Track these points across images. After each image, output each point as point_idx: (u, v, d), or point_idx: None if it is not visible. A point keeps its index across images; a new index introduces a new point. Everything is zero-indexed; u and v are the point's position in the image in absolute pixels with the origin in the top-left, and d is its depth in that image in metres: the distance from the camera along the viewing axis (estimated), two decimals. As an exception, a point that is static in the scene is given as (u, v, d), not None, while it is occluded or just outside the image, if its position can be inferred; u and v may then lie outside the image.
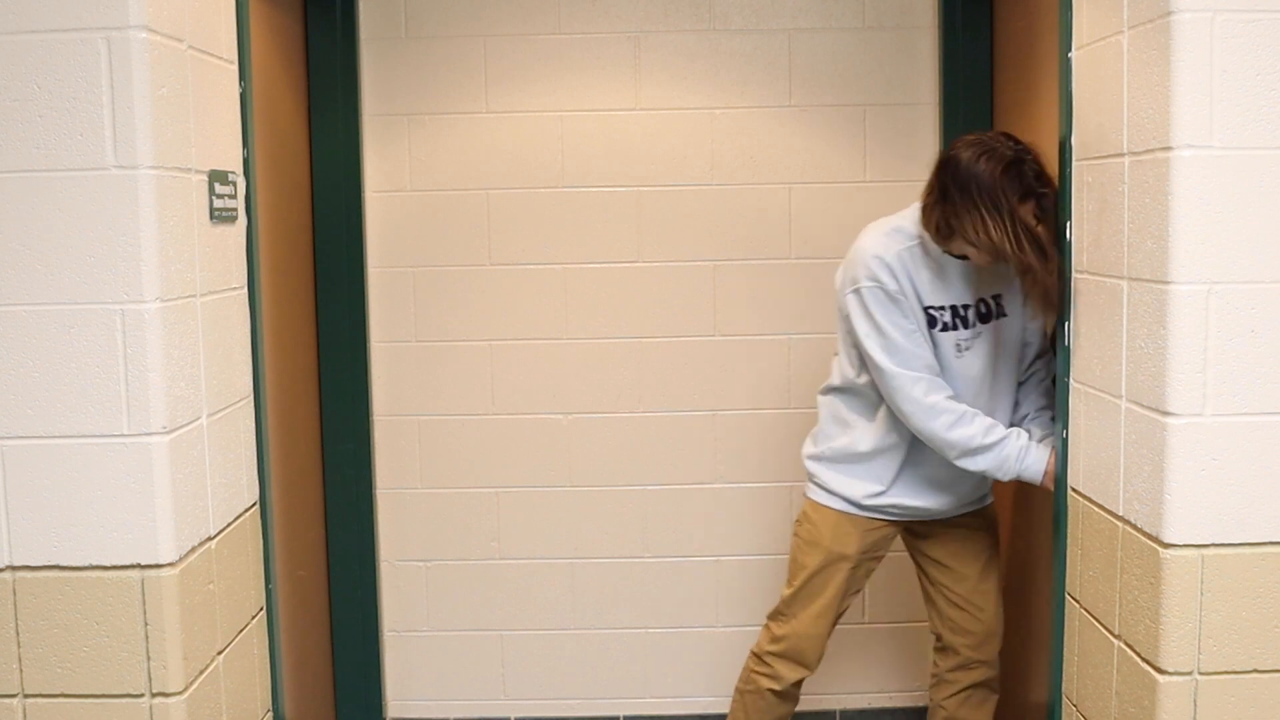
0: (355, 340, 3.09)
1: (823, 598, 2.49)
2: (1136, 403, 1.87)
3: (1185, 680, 1.81)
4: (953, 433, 2.30)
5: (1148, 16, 1.80)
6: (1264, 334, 1.76)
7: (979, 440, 2.29)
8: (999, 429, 2.32)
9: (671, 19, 3.05)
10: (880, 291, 2.31)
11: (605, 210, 3.10)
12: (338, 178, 3.03)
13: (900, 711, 3.21)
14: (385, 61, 3.05)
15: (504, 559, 3.20)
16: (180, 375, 1.85)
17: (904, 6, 3.04)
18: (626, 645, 3.23)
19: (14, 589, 1.82)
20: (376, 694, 3.19)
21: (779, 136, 3.08)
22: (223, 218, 2.04)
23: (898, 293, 2.30)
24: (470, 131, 3.07)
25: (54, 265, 1.76)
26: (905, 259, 2.31)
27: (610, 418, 3.16)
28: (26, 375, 1.78)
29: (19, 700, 1.84)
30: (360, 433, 3.11)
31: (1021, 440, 2.32)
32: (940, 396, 2.31)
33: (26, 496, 1.80)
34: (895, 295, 2.30)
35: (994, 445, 2.30)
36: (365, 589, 3.15)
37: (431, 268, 3.11)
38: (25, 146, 1.74)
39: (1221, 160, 1.74)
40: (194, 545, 1.90)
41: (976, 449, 2.30)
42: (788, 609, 2.53)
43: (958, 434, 2.30)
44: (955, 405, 2.31)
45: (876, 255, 2.32)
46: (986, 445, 2.30)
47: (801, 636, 2.50)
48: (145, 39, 1.73)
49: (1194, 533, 1.79)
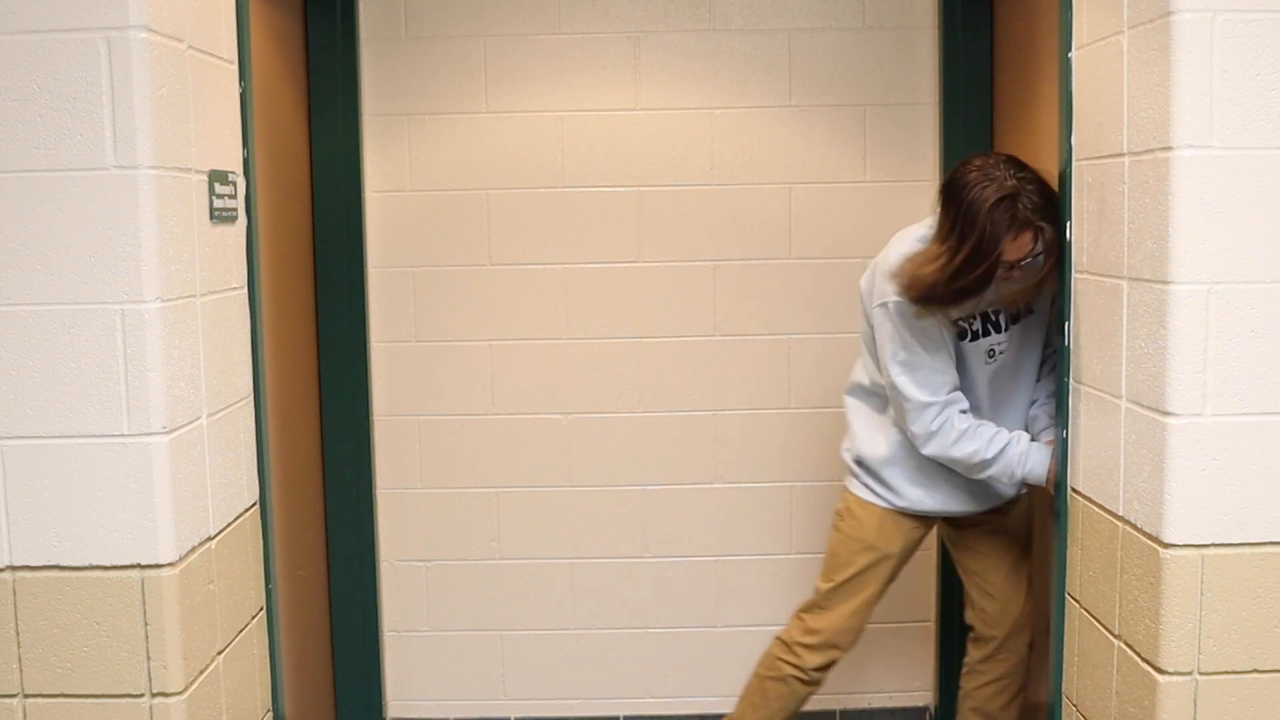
0: (355, 340, 3.09)
1: (864, 594, 2.51)
2: (1136, 403, 1.87)
3: (1185, 680, 1.81)
4: (957, 449, 2.32)
5: (1148, 16, 1.80)
6: (1264, 334, 1.76)
7: (983, 454, 2.32)
8: (1002, 436, 2.33)
9: (671, 19, 3.05)
10: (903, 310, 2.31)
11: (605, 210, 3.10)
12: (338, 178, 3.03)
13: (900, 711, 3.21)
14: (385, 61, 3.05)
15: (504, 559, 3.20)
16: (180, 375, 1.85)
17: (904, 6, 3.04)
18: (626, 645, 3.23)
19: (14, 589, 1.82)
20: (376, 694, 3.19)
21: (779, 136, 3.08)
22: (223, 218, 2.04)
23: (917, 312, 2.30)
24: (470, 131, 3.07)
25: (54, 265, 1.76)
26: None
27: (610, 418, 3.16)
28: (26, 375, 1.78)
29: (19, 700, 1.84)
30: (360, 433, 3.11)
31: (1022, 445, 2.33)
32: (951, 413, 2.32)
33: (26, 496, 1.80)
34: (914, 316, 2.30)
35: (998, 456, 2.32)
36: (365, 589, 3.15)
37: (431, 268, 3.11)
38: (25, 146, 1.74)
39: (1221, 160, 1.74)
40: (194, 545, 1.90)
41: (981, 462, 2.33)
42: (826, 602, 2.54)
43: (962, 450, 2.32)
44: (961, 421, 2.33)
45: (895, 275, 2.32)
46: (989, 459, 2.32)
47: (838, 631, 2.52)
48: (145, 39, 1.73)
49: (1194, 533, 1.79)
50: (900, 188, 3.07)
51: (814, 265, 3.10)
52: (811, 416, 3.14)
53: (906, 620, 3.18)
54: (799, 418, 3.12)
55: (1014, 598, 2.57)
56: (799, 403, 3.13)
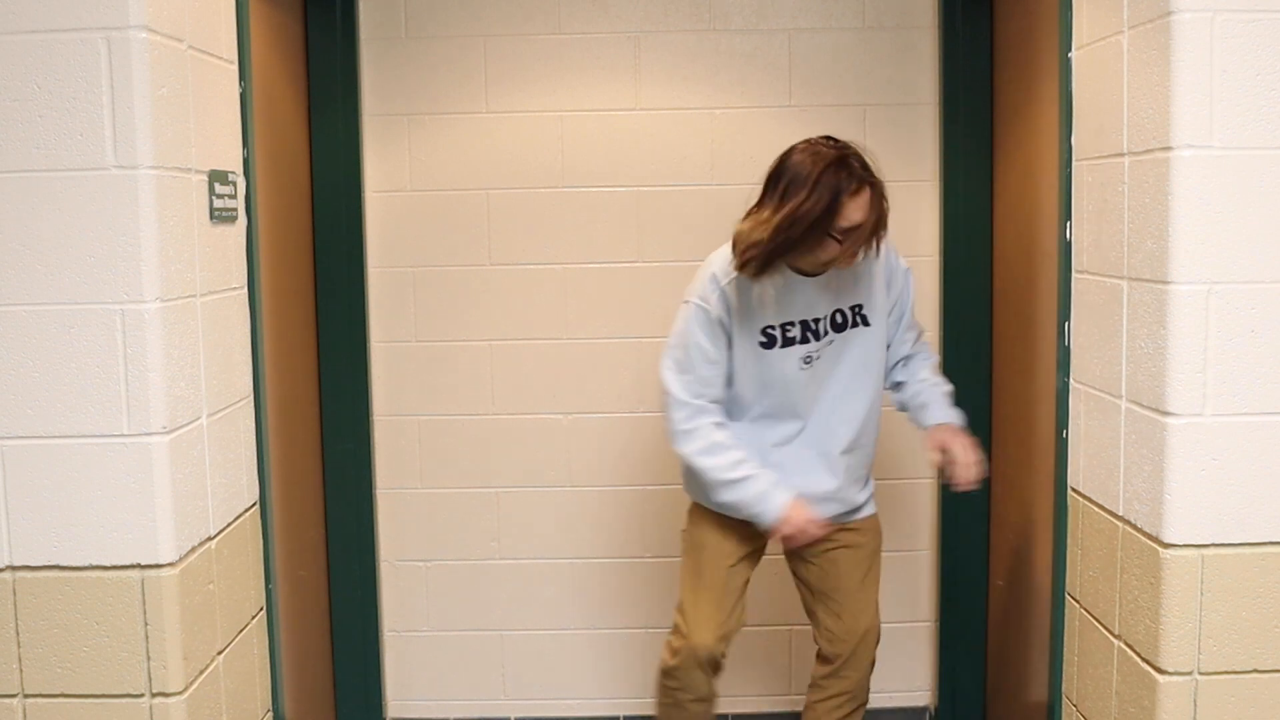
0: (355, 340, 3.09)
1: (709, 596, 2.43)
2: (1136, 403, 1.87)
3: (1185, 680, 1.81)
4: (701, 459, 2.32)
5: (1148, 16, 1.80)
6: (1264, 334, 1.76)
7: (723, 475, 2.31)
8: (748, 468, 2.31)
9: (671, 19, 3.05)
10: (703, 314, 2.31)
11: (605, 210, 3.10)
12: (338, 178, 3.03)
13: (900, 711, 3.21)
14: (385, 61, 3.05)
15: (504, 559, 3.20)
16: (180, 375, 1.85)
17: (904, 6, 3.04)
18: (626, 645, 3.23)
19: (14, 589, 1.82)
20: (376, 694, 3.19)
21: (779, 136, 3.05)
22: (223, 218, 2.04)
23: (718, 321, 2.31)
24: (470, 131, 3.07)
25: (54, 265, 1.76)
26: (741, 281, 2.29)
27: (610, 418, 3.15)
28: (26, 375, 1.78)
29: (19, 700, 1.84)
30: (360, 433, 3.11)
31: (763, 486, 2.30)
32: (703, 422, 2.32)
33: (26, 496, 1.80)
34: (714, 322, 2.31)
35: (736, 483, 2.31)
36: (365, 589, 3.15)
37: (431, 268, 3.11)
38: (25, 146, 1.74)
39: (1221, 160, 1.74)
40: (194, 545, 1.90)
41: (719, 482, 2.32)
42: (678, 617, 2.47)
43: (705, 461, 2.32)
44: (713, 435, 2.31)
45: (714, 276, 2.32)
46: (726, 481, 2.31)
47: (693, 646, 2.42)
48: (145, 39, 1.73)
49: (1194, 533, 1.79)
50: (900, 188, 3.06)
51: (814, 265, 3.10)
52: (811, 416, 3.14)
53: (906, 620, 3.18)
54: (799, 418, 3.11)
55: (860, 615, 2.50)
56: (799, 403, 3.13)
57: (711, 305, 2.31)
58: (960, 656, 3.13)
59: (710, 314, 2.31)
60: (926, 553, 3.16)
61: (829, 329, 2.35)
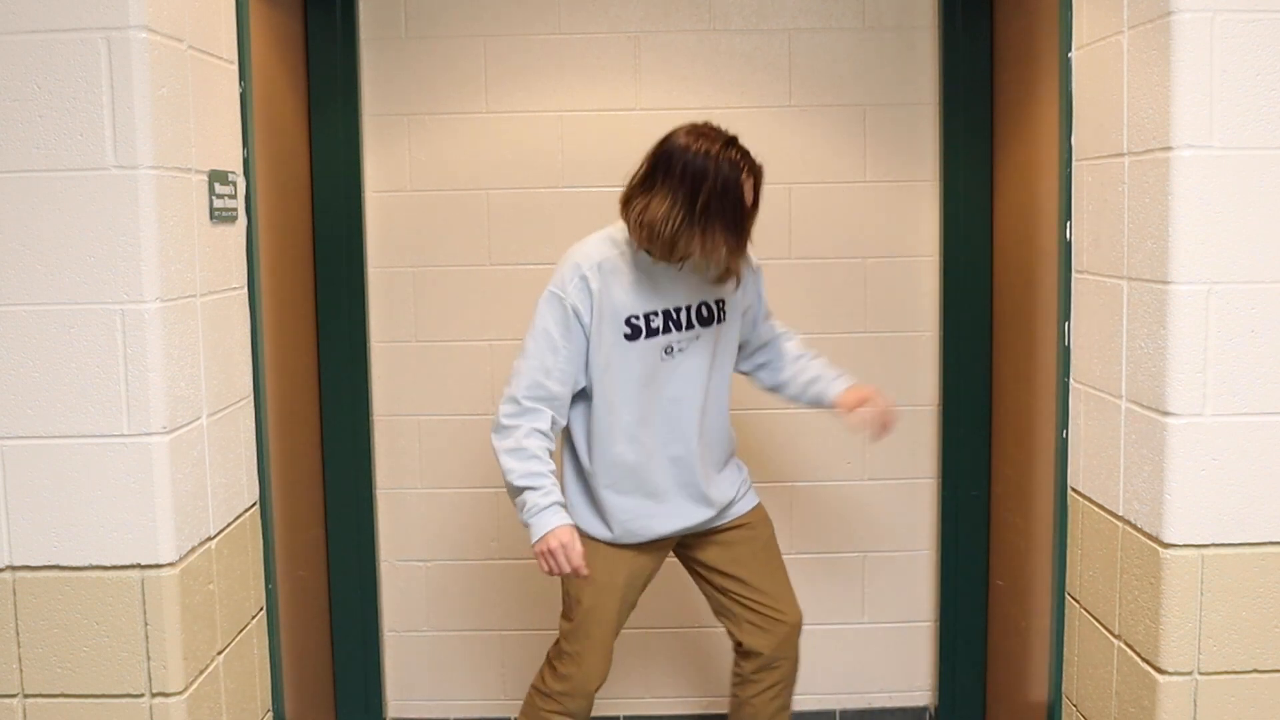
0: (355, 340, 3.09)
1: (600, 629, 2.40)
2: (1136, 403, 1.87)
3: (1185, 680, 1.81)
4: (505, 458, 2.28)
5: (1148, 16, 1.80)
6: (1264, 334, 1.76)
7: (515, 480, 2.26)
8: (537, 480, 2.25)
9: (671, 19, 3.05)
10: (558, 301, 2.29)
11: (605, 210, 3.09)
12: (338, 178, 3.03)
13: (900, 711, 3.21)
14: (385, 61, 3.05)
15: (504, 559, 3.20)
16: (180, 375, 1.85)
17: (904, 6, 3.04)
18: (626, 645, 3.23)
19: (14, 589, 1.82)
20: (376, 694, 3.19)
21: (779, 136, 3.07)
22: (223, 218, 2.04)
23: (572, 310, 2.28)
24: (470, 131, 3.07)
25: (54, 265, 1.76)
26: (605, 270, 2.28)
27: (610, 418, 3.15)
28: (26, 375, 1.78)
29: (19, 700, 1.84)
30: (360, 433, 3.11)
31: (541, 503, 2.25)
32: (523, 424, 2.27)
33: (26, 496, 1.80)
34: (568, 311, 2.28)
35: (521, 491, 2.27)
36: (365, 589, 3.15)
37: (431, 268, 3.11)
38: (25, 146, 1.74)
39: (1221, 160, 1.74)
40: (194, 545, 1.90)
41: (509, 485, 2.29)
42: (569, 645, 2.42)
43: (507, 461, 2.27)
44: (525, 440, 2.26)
45: (576, 264, 2.30)
46: (515, 486, 2.27)
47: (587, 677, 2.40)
48: (145, 39, 1.74)
49: (1194, 533, 1.79)
50: (900, 188, 3.07)
51: (814, 265, 3.10)
52: (813, 416, 3.14)
53: (906, 620, 3.18)
54: (800, 417, 3.11)
55: (777, 601, 2.46)
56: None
57: (568, 293, 2.28)
58: (960, 656, 3.13)
59: (565, 301, 2.28)
60: (926, 553, 3.16)
61: (694, 322, 2.34)
